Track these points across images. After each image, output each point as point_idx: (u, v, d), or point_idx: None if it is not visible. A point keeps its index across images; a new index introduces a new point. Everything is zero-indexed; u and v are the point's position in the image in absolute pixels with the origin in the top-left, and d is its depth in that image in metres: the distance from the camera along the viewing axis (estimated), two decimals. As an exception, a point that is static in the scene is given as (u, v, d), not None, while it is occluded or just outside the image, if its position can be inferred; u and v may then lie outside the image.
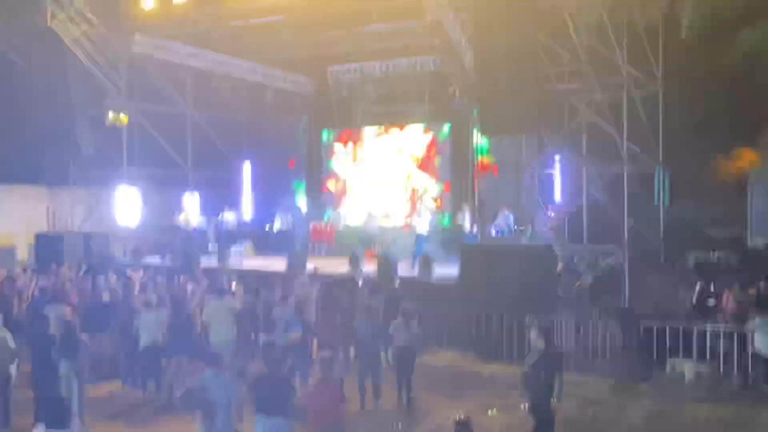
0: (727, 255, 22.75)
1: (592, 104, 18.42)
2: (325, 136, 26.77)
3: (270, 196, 26.27)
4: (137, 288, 15.61)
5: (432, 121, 25.18)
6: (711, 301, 15.12)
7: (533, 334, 9.85)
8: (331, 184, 26.45)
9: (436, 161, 24.59)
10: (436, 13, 19.01)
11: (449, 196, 24.20)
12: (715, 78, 20.75)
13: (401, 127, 25.37)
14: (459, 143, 24.01)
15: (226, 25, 23.45)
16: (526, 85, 15.65)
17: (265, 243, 25.43)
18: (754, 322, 13.00)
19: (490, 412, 11.98)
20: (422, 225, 19.85)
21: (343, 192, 26.10)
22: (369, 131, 25.92)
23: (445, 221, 23.69)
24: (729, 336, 13.47)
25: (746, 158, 24.41)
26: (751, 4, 16.43)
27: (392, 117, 26.28)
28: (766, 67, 16.45)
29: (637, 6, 18.32)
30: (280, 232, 24.55)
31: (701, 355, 13.65)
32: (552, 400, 9.29)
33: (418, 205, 20.26)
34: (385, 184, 24.88)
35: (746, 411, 12.04)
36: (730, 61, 17.65)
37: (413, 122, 25.63)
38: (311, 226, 23.95)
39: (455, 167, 24.29)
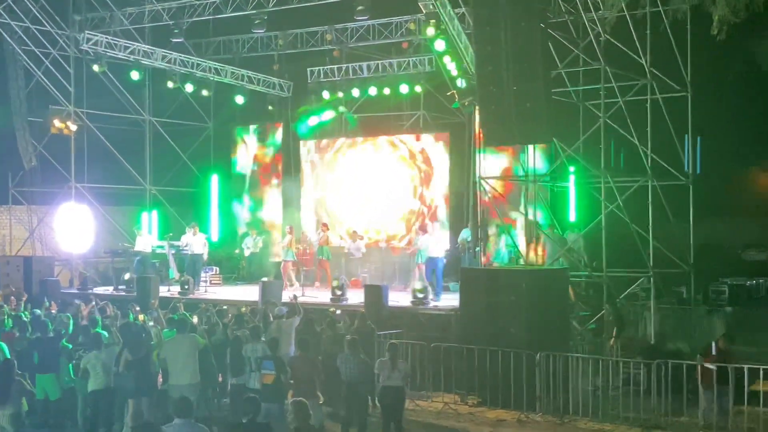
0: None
1: (610, 109, 18.46)
2: (303, 145, 26.70)
3: (239, 216, 26.16)
4: (85, 322, 15.48)
5: (428, 130, 25.23)
6: None
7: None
8: (309, 200, 26.37)
9: (432, 175, 24.55)
10: (432, 4, 19.10)
11: (447, 214, 24.16)
12: (750, 80, 20.89)
13: (392, 136, 25.36)
14: (459, 155, 24.04)
15: (189, 20, 23.47)
16: (534, 87, 15.69)
17: (234, 269, 25.37)
18: None
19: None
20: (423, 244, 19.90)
21: (323, 209, 26.00)
22: (354, 140, 25.90)
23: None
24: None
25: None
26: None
27: (381, 125, 26.32)
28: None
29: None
30: (251, 256, 24.46)
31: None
32: None
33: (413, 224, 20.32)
34: (371, 200, 24.83)
35: None
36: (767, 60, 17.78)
37: (405, 131, 25.68)
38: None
39: (454, 182, 24.29)
